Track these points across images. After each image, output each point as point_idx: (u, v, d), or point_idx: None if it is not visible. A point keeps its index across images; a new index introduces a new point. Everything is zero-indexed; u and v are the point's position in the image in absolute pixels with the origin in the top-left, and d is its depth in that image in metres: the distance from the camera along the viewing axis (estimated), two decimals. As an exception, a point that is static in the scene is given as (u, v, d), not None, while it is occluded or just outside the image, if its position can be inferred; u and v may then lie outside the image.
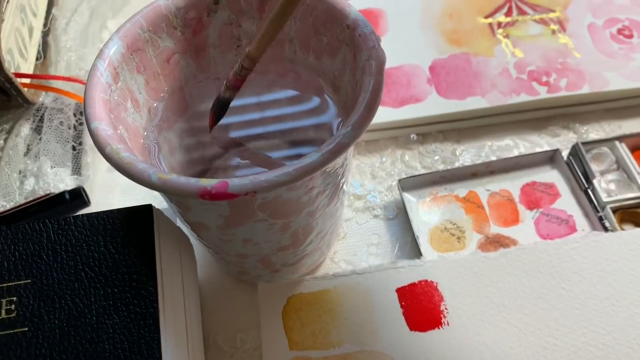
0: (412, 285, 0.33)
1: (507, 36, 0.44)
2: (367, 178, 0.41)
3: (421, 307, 0.32)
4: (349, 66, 0.30)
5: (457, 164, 0.41)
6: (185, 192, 0.23)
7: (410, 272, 0.33)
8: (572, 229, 0.36)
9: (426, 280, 0.33)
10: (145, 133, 0.31)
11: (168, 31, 0.31)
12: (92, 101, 0.26)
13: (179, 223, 0.34)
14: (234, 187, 0.23)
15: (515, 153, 0.41)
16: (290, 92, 0.35)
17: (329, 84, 0.33)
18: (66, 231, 0.28)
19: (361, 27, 0.28)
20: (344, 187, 0.32)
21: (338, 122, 0.32)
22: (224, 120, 0.37)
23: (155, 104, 0.32)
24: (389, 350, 0.31)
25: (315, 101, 0.34)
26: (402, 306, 0.32)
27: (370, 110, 0.25)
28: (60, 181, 0.39)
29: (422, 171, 0.41)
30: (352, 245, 0.38)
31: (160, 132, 0.32)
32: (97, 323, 0.26)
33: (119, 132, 0.28)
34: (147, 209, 0.29)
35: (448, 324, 0.31)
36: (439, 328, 0.31)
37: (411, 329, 0.31)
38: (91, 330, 0.26)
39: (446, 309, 0.32)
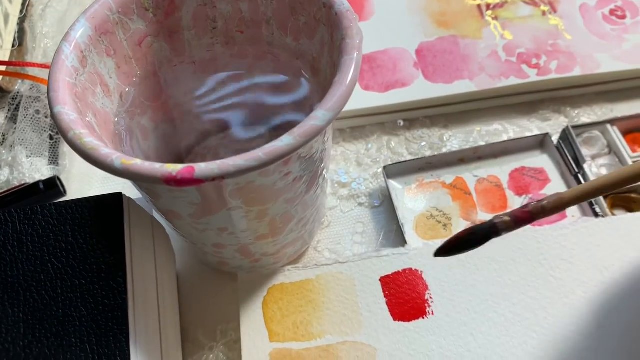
0: (396, 274, 0.32)
1: (496, 18, 0.43)
2: (352, 165, 0.40)
3: (405, 296, 0.31)
4: (327, 47, 0.29)
5: (444, 150, 0.39)
6: (150, 177, 0.22)
7: (394, 261, 0.32)
8: (562, 215, 0.35)
9: (410, 269, 0.32)
10: (117, 119, 0.30)
11: (139, 13, 0.30)
12: (56, 85, 0.25)
13: (156, 213, 0.33)
14: (200, 172, 0.22)
15: (505, 138, 0.40)
16: (270, 76, 0.34)
17: (308, 66, 0.32)
18: (33, 221, 0.27)
19: (337, 5, 0.27)
20: (325, 174, 0.31)
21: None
22: (202, 106, 0.36)
23: (127, 89, 0.31)
24: (373, 341, 0.30)
25: (295, 85, 0.33)
26: (385, 296, 0.31)
27: (345, 91, 0.24)
28: (36, 171, 0.38)
29: (409, 158, 0.39)
30: (336, 233, 0.37)
31: (133, 118, 0.31)
32: (63, 316, 0.25)
33: (87, 118, 0.27)
34: (117, 198, 0.28)
35: (433, 313, 0.30)
36: (423, 318, 0.30)
37: (395, 319, 0.30)
38: (57, 324, 0.25)
39: (431, 298, 0.31)
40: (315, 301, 0.31)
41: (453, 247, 0.24)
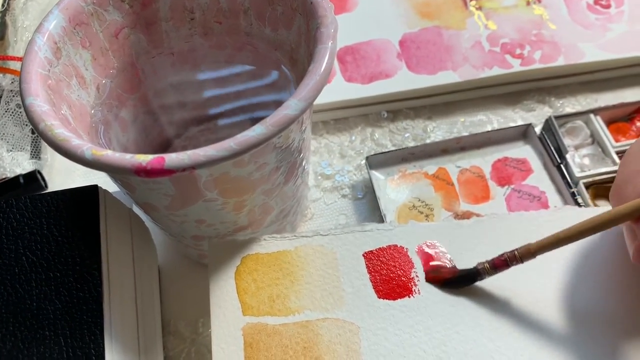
0: (381, 249, 0.30)
1: (480, 8, 0.43)
2: (335, 157, 0.40)
3: (390, 273, 0.30)
4: (303, 37, 0.28)
5: (428, 141, 0.39)
6: (120, 168, 0.22)
7: (378, 236, 0.31)
8: (544, 206, 0.35)
9: (395, 246, 0.30)
10: (93, 111, 0.30)
11: (115, 4, 0.29)
12: (28, 76, 0.25)
13: (136, 207, 0.33)
14: (171, 162, 0.22)
15: (489, 129, 0.40)
16: (249, 67, 0.33)
17: (286, 57, 0.31)
18: (7, 214, 0.27)
19: (313, -6, 0.26)
20: (304, 164, 0.31)
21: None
22: (182, 97, 0.36)
23: (104, 81, 0.30)
24: (355, 319, 0.28)
25: (274, 76, 0.33)
26: (369, 272, 0.30)
27: (319, 81, 0.24)
28: (17, 165, 0.38)
29: (393, 149, 0.39)
30: (319, 225, 0.37)
31: (111, 110, 0.31)
32: (37, 309, 0.25)
33: (62, 110, 0.27)
34: (93, 190, 0.27)
35: (419, 292, 0.29)
36: (409, 297, 0.29)
37: (379, 297, 0.29)
38: (31, 317, 0.24)
39: (417, 276, 0.30)
40: (294, 274, 0.29)
41: (445, 284, 0.29)
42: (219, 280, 0.29)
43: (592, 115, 0.37)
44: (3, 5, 0.45)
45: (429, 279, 0.29)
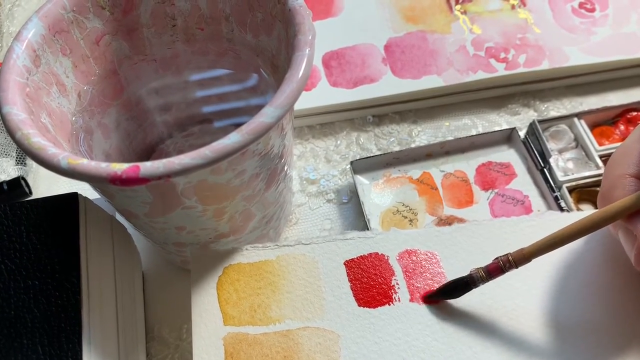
0: (362, 257, 0.31)
1: (465, 12, 0.43)
2: (321, 162, 0.40)
3: (371, 281, 0.30)
4: (283, 43, 0.29)
5: (413, 146, 0.39)
6: (95, 177, 0.22)
7: (359, 244, 0.31)
8: (528, 210, 0.35)
9: (377, 254, 0.31)
10: (74, 118, 0.30)
11: (95, 11, 0.30)
12: (5, 85, 0.25)
13: (118, 214, 0.33)
14: (146, 171, 0.22)
15: (474, 133, 0.40)
16: (232, 73, 0.33)
17: (268, 63, 0.31)
18: (-14, 222, 0.27)
19: (291, 1, 0.27)
20: (287, 170, 0.31)
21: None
22: (166, 103, 0.36)
23: (85, 88, 0.30)
24: (336, 327, 0.29)
25: (257, 82, 0.33)
26: (350, 280, 0.30)
27: (295, 88, 0.24)
28: (2, 171, 0.38)
29: (378, 153, 0.39)
30: (303, 230, 0.37)
31: (93, 117, 0.31)
32: (15, 317, 0.25)
33: (41, 118, 0.27)
34: (73, 198, 0.27)
35: (400, 300, 0.30)
36: (389, 304, 0.29)
37: (359, 305, 0.29)
38: (9, 325, 0.24)
39: (397, 284, 0.30)
40: (275, 283, 0.30)
41: (439, 294, 0.29)
42: (201, 290, 0.29)
43: (575, 119, 0.38)
44: (-11, 11, 0.45)
45: (428, 303, 0.29)
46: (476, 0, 0.43)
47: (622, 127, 0.38)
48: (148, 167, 0.22)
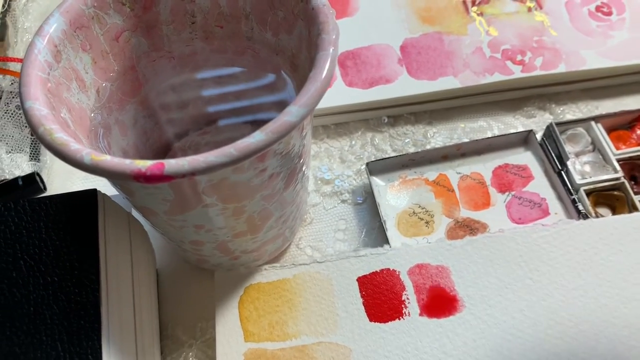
0: (374, 274, 0.31)
1: (481, 14, 0.43)
2: (335, 162, 0.40)
3: (382, 296, 0.31)
4: (304, 42, 0.28)
5: (428, 147, 0.39)
6: (119, 174, 0.22)
7: (372, 261, 0.32)
8: (545, 213, 0.35)
9: (388, 269, 0.31)
10: (93, 115, 0.30)
11: (115, 7, 0.29)
12: (27, 79, 0.25)
13: (135, 211, 0.33)
14: (170, 168, 0.21)
15: (489, 135, 0.40)
16: (250, 72, 0.33)
17: (287, 62, 0.31)
18: (5, 217, 0.26)
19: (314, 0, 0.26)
20: (304, 170, 0.31)
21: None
22: (183, 101, 0.35)
23: (104, 84, 0.30)
24: (348, 342, 0.30)
25: (276, 81, 0.33)
26: (362, 296, 0.31)
27: (319, 87, 0.24)
28: (17, 167, 0.38)
29: (393, 154, 0.39)
30: (318, 230, 0.37)
31: (111, 114, 0.31)
32: (34, 314, 0.24)
33: (61, 113, 0.27)
34: (92, 194, 0.27)
35: (409, 314, 0.30)
36: (399, 319, 0.30)
37: (371, 320, 0.30)
38: (28, 322, 0.24)
39: (407, 299, 0.30)
40: (292, 301, 0.31)
41: None
42: (224, 309, 0.31)
43: (593, 123, 0.37)
44: (3, 6, 0.44)
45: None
46: (493, 2, 0.43)
47: (638, 132, 0.38)
48: (173, 164, 0.21)
